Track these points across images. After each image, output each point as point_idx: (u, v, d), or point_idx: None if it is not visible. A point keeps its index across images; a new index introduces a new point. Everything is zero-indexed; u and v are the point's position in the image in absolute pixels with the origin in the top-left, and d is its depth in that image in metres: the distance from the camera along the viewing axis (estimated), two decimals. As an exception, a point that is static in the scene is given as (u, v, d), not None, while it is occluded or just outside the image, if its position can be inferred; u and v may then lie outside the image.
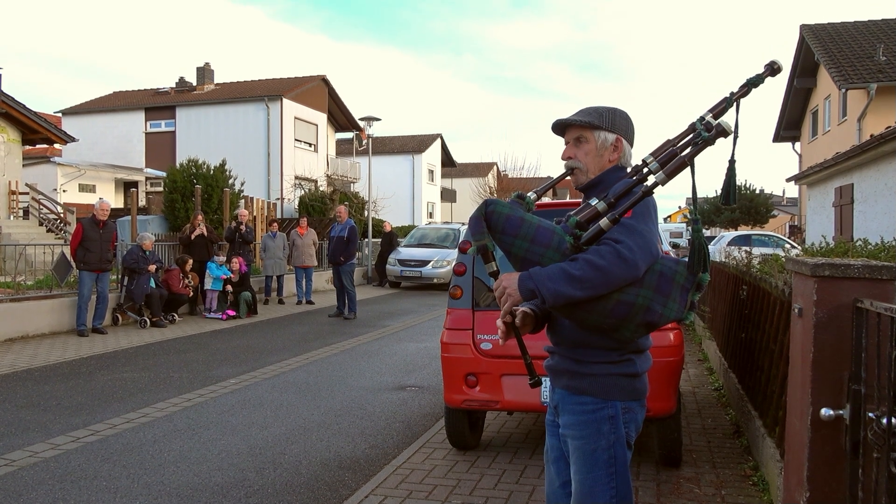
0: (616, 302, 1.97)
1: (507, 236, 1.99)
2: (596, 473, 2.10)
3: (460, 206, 45.90)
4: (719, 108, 2.02)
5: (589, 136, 2.20)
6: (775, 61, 2.02)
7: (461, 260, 4.72)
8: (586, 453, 2.11)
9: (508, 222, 1.99)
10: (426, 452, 4.78)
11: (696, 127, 1.97)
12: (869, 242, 6.34)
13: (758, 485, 4.07)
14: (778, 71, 2.04)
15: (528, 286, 1.95)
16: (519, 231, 1.98)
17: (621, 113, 2.24)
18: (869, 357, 2.39)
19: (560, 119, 2.24)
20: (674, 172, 1.93)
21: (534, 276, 1.95)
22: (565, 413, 2.18)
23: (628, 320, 2.01)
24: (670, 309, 2.03)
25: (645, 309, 2.00)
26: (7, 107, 18.40)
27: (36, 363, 7.91)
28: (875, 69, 18.17)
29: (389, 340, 9.95)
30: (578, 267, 1.91)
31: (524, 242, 1.99)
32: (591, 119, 2.19)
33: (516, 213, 2.00)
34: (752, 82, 2.02)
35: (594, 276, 1.90)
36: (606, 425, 2.10)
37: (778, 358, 3.88)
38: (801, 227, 25.01)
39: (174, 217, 17.15)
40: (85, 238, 9.83)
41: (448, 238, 19.59)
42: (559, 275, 1.92)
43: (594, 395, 2.11)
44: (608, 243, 1.93)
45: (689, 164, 1.92)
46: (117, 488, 4.14)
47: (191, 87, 33.02)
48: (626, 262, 1.91)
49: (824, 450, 2.58)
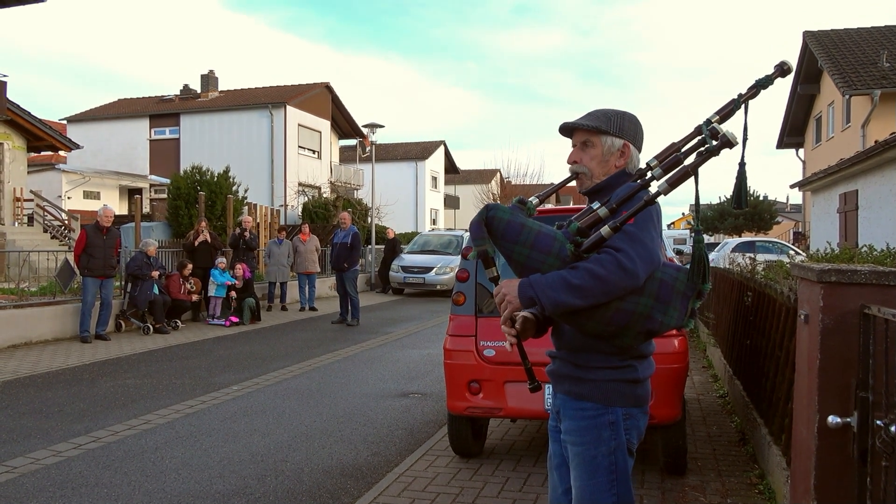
0: (615, 310, 1.95)
1: (507, 242, 1.97)
2: (596, 480, 2.07)
3: (464, 213, 45.93)
4: (727, 109, 2.02)
5: (596, 140, 2.18)
6: (785, 62, 2.01)
7: (464, 266, 4.70)
8: (586, 459, 2.09)
9: (509, 228, 1.97)
10: (429, 460, 4.75)
11: (702, 130, 1.95)
12: (874, 248, 6.30)
13: (764, 493, 4.03)
14: (788, 72, 2.03)
15: (528, 294, 1.93)
16: (519, 237, 1.96)
17: (630, 117, 2.21)
18: (877, 364, 2.36)
19: (567, 122, 2.23)
20: (676, 182, 1.90)
21: (533, 284, 1.93)
22: (566, 418, 2.16)
23: (628, 328, 1.99)
24: (670, 317, 2.01)
25: (645, 317, 1.99)
26: (12, 114, 18.47)
27: (39, 369, 7.90)
28: (879, 75, 18.15)
29: (392, 347, 9.92)
30: (578, 276, 1.89)
31: (524, 249, 1.96)
32: (599, 123, 2.16)
33: (517, 219, 1.98)
34: (760, 83, 2.01)
35: (594, 285, 1.88)
36: (607, 431, 2.08)
37: (784, 365, 3.84)
38: (805, 234, 24.94)
39: (178, 224, 17.14)
40: (88, 245, 9.85)
41: (451, 245, 19.58)
42: (559, 283, 1.90)
43: (595, 401, 2.09)
44: (609, 252, 1.90)
45: (692, 174, 1.88)
46: (118, 495, 4.11)
47: (195, 94, 33.14)
48: (627, 271, 1.89)
49: (832, 458, 2.55)
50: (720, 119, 2.00)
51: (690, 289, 2.03)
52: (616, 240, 1.91)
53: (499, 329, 4.46)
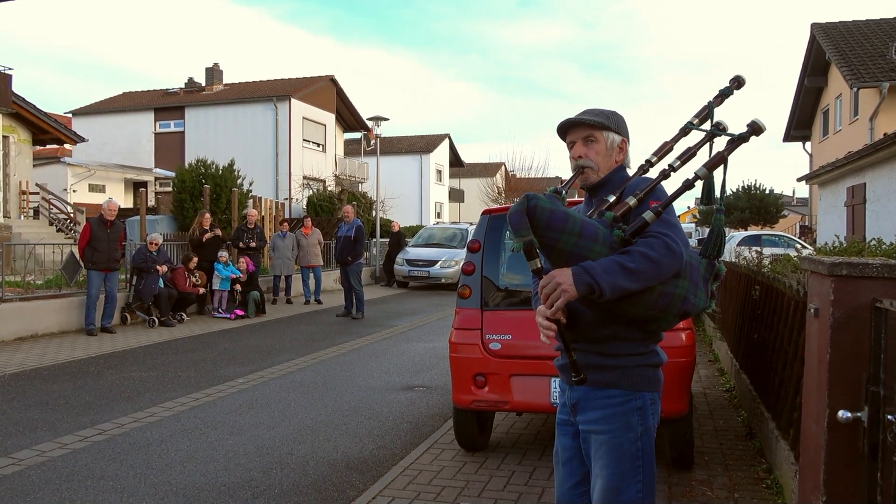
0: (660, 293, 2.02)
1: (552, 231, 1.95)
2: (623, 467, 2.09)
3: (468, 206, 45.86)
4: (703, 112, 2.21)
5: (599, 135, 2.23)
6: (739, 75, 2.23)
7: (470, 259, 4.67)
8: (613, 447, 2.11)
9: (553, 217, 1.95)
10: (434, 453, 4.75)
11: (688, 128, 2.20)
12: (883, 242, 6.24)
13: (771, 487, 4.01)
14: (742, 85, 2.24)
15: (585, 280, 1.92)
16: (566, 226, 1.95)
17: (622, 117, 2.32)
18: (888, 358, 2.33)
19: (571, 118, 2.25)
20: (714, 166, 2.05)
21: (589, 270, 1.92)
22: (590, 409, 2.16)
23: (668, 310, 2.06)
24: (700, 298, 2.12)
25: (682, 299, 2.07)
26: (18, 107, 18.50)
27: (45, 362, 7.93)
28: (887, 68, 18.00)
29: (397, 340, 9.92)
30: (633, 260, 1.93)
31: (571, 237, 1.95)
32: (601, 119, 2.23)
33: (559, 208, 1.97)
34: (723, 93, 2.22)
35: (648, 267, 1.94)
36: (635, 417, 2.12)
37: (792, 359, 3.81)
38: (811, 228, 24.82)
39: (183, 217, 17.15)
40: (93, 238, 9.85)
41: (456, 238, 19.55)
42: (615, 268, 1.92)
43: (622, 388, 2.12)
44: (656, 235, 1.98)
45: (725, 160, 2.04)
46: (124, 488, 4.12)
47: (200, 87, 33.12)
48: (675, 253, 1.97)
49: (841, 453, 2.53)
50: (700, 121, 2.21)
51: (708, 272, 2.16)
52: (657, 225, 2.00)
53: (504, 322, 4.48)
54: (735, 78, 2.23)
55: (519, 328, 4.42)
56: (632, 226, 2.00)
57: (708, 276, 2.16)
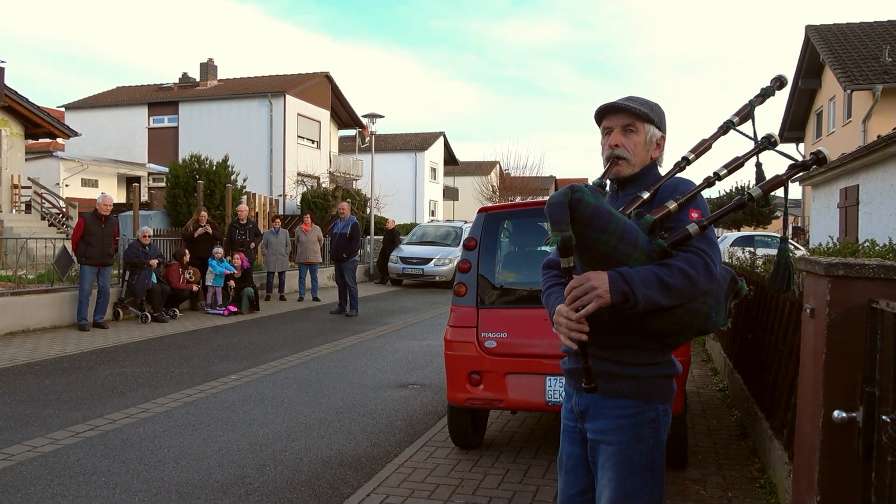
0: (686, 310, 1.92)
1: (592, 230, 1.80)
2: (632, 480, 1.99)
3: (462, 205, 45.87)
4: (744, 111, 2.15)
5: (640, 126, 2.08)
6: (782, 75, 2.19)
7: (466, 257, 4.67)
8: (623, 459, 2.00)
9: (597, 214, 1.79)
10: (428, 451, 4.74)
11: (728, 127, 2.11)
12: (876, 243, 6.27)
13: (765, 487, 4.02)
14: (784, 84, 2.20)
15: (622, 288, 1.79)
16: (608, 226, 1.80)
17: (664, 112, 2.18)
18: (884, 359, 2.34)
19: (614, 102, 2.08)
20: (770, 189, 1.98)
21: (627, 279, 1.80)
22: (599, 418, 2.05)
23: (690, 327, 1.98)
24: (720, 316, 2.05)
25: (705, 316, 1.99)
26: (10, 101, 18.37)
27: (36, 357, 7.88)
28: (881, 70, 18.10)
29: (391, 338, 9.91)
30: (672, 274, 1.83)
31: (612, 239, 1.81)
32: (646, 110, 2.08)
33: (604, 205, 1.81)
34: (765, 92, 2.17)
35: (685, 285, 1.84)
36: (647, 429, 2.00)
37: (787, 359, 3.83)
38: (803, 229, 24.92)
39: (176, 212, 17.07)
40: (86, 232, 9.81)
41: (450, 236, 19.55)
42: (654, 281, 1.81)
43: (635, 399, 2.01)
44: (697, 253, 1.88)
45: (784, 184, 1.97)
46: (116, 484, 4.10)
47: (194, 82, 32.99)
48: (712, 274, 1.89)
49: (836, 453, 2.54)
50: (740, 120, 2.13)
51: (730, 289, 2.09)
52: (699, 240, 1.90)
53: (500, 320, 4.48)
54: (777, 78, 2.15)
55: (514, 326, 4.42)
56: (673, 236, 1.89)
57: (730, 293, 2.08)
